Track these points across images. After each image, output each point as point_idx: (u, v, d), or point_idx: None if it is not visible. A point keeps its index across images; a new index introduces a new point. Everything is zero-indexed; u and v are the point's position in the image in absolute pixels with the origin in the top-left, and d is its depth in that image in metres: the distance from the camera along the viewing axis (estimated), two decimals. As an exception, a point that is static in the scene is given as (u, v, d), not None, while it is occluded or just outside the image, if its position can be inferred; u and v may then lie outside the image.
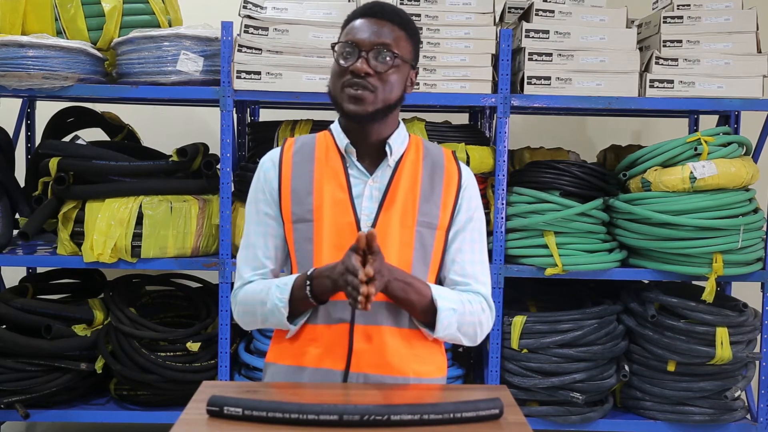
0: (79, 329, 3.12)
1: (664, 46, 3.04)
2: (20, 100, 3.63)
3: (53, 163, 3.05)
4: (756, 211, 3.03)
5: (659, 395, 3.13)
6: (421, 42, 2.94)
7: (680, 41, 3.04)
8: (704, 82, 3.01)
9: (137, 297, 3.36)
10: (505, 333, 3.09)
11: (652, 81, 3.01)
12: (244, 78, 2.95)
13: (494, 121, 3.36)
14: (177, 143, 3.17)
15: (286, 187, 1.75)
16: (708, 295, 2.98)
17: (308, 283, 1.64)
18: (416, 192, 1.74)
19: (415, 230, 1.73)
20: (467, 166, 1.85)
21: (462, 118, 3.96)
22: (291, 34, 2.95)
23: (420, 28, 2.91)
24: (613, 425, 3.17)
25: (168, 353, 3.08)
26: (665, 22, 3.05)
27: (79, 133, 3.43)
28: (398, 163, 1.76)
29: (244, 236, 1.81)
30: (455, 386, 2.23)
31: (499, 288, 3.04)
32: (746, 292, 3.33)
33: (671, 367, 3.10)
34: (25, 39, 2.90)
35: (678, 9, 3.07)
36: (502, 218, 3.03)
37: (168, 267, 3.08)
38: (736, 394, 3.12)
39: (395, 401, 1.53)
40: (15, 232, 3.24)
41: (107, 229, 2.97)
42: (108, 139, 3.65)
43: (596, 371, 3.07)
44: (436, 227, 1.75)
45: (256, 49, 2.94)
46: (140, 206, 3.00)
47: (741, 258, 3.00)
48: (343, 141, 1.75)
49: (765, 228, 3.08)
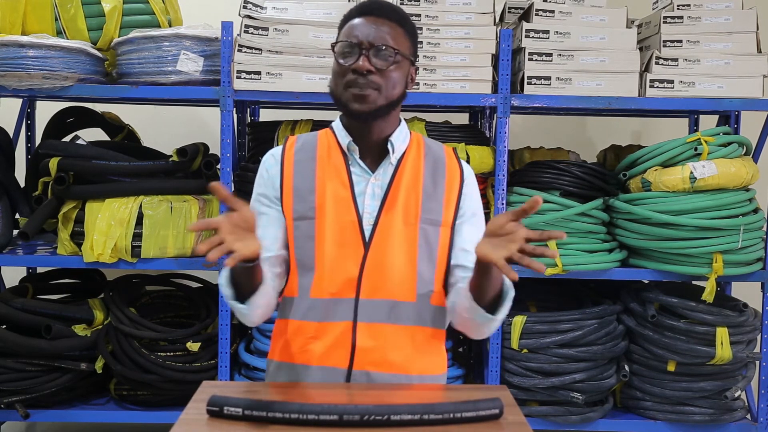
0: (79, 329, 3.12)
1: (664, 46, 3.03)
2: (20, 100, 3.63)
3: (53, 163, 3.05)
4: (756, 211, 3.03)
5: (659, 395, 3.13)
6: (421, 42, 2.97)
7: (680, 41, 3.04)
8: (704, 82, 3.01)
9: (137, 297, 3.36)
10: (505, 333, 3.09)
11: (652, 81, 3.01)
12: (244, 78, 2.95)
13: (494, 121, 3.36)
14: (177, 143, 3.18)
15: (288, 185, 1.75)
16: (708, 295, 2.99)
17: None
18: (419, 189, 1.74)
19: (419, 227, 1.72)
20: (467, 163, 1.85)
21: (462, 118, 3.96)
22: (291, 34, 2.95)
23: (420, 28, 2.92)
24: (613, 425, 3.17)
25: (168, 353, 3.08)
26: (665, 22, 3.05)
27: (79, 133, 3.43)
28: (400, 161, 1.76)
29: None
30: (455, 386, 2.23)
31: (499, 288, 3.03)
32: (746, 292, 3.33)
33: (671, 367, 3.10)
34: (25, 39, 2.90)
35: (678, 9, 3.07)
36: (502, 218, 3.02)
37: (168, 267, 3.08)
38: (736, 394, 3.12)
39: (395, 401, 1.53)
40: (15, 232, 3.24)
41: (107, 229, 2.97)
42: (108, 139, 3.65)
43: (596, 371, 3.08)
44: (440, 224, 1.74)
45: (256, 49, 2.94)
46: (140, 206, 3.00)
47: (741, 258, 3.00)
48: (345, 139, 1.75)
49: (765, 228, 3.08)
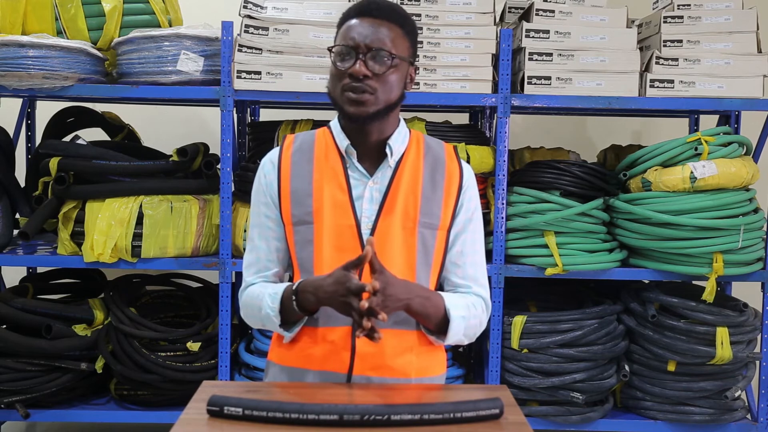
0: (80, 329, 3.12)
1: (665, 46, 3.03)
2: (20, 100, 3.63)
3: (53, 163, 3.04)
4: (756, 211, 3.03)
5: (659, 395, 3.13)
6: (421, 42, 2.96)
7: (680, 41, 3.04)
8: (704, 82, 3.01)
9: (137, 297, 3.36)
10: (506, 333, 3.09)
11: (653, 81, 3.01)
12: (245, 78, 2.95)
13: (494, 121, 3.36)
14: (177, 143, 3.17)
15: (286, 189, 1.74)
16: (708, 295, 2.98)
17: (294, 298, 1.64)
18: (417, 192, 1.73)
19: (417, 232, 1.71)
20: (467, 164, 1.84)
21: (462, 118, 3.96)
22: (291, 34, 2.95)
23: (420, 28, 2.92)
24: (613, 425, 3.17)
25: (168, 353, 3.08)
26: (665, 22, 3.04)
27: (79, 133, 3.42)
28: (399, 163, 1.74)
29: (249, 239, 1.82)
30: (455, 386, 2.23)
31: (499, 288, 3.04)
32: (746, 292, 3.33)
33: (671, 367, 3.10)
34: (26, 39, 2.90)
35: (678, 9, 3.07)
36: (503, 218, 3.02)
37: (168, 267, 3.08)
38: (737, 394, 3.12)
39: (395, 401, 1.53)
40: (15, 232, 3.24)
41: (107, 229, 2.97)
42: (108, 139, 3.64)
43: (596, 371, 3.07)
44: (438, 228, 1.73)
45: (257, 49, 2.94)
46: (140, 206, 3.00)
47: (741, 258, 3.00)
48: (344, 142, 1.73)
49: (765, 228, 3.08)
